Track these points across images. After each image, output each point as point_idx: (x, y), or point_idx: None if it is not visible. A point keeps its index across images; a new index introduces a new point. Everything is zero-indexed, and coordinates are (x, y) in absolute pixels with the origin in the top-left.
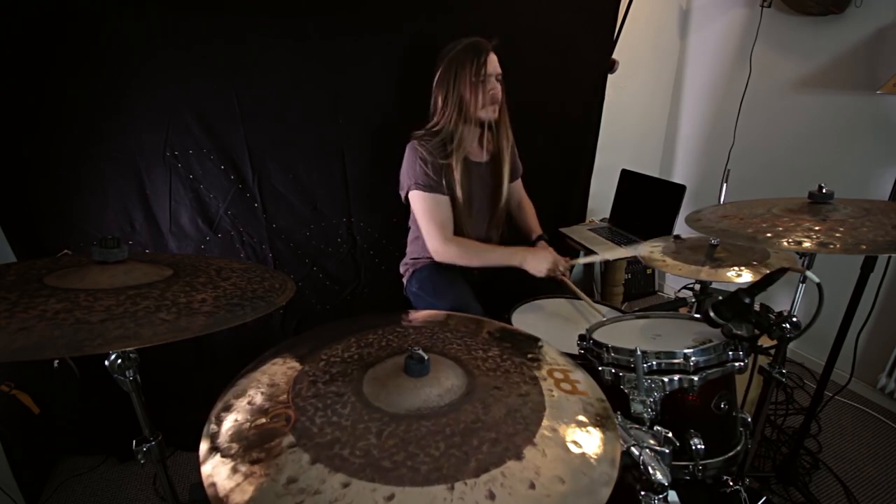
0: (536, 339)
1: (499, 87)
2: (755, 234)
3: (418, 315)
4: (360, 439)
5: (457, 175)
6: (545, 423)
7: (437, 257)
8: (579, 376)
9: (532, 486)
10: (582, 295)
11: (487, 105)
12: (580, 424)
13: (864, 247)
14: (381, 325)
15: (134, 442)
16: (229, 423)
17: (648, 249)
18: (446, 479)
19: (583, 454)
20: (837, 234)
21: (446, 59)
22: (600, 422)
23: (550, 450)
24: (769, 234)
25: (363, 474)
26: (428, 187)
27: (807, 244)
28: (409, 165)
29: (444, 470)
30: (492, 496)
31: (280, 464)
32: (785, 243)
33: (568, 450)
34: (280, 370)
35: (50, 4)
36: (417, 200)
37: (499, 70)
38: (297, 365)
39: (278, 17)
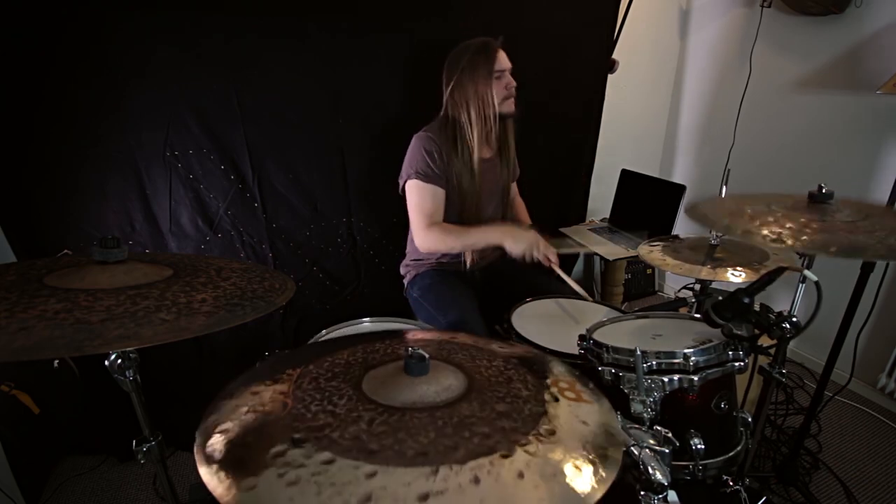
0: (546, 357)
1: (513, 80)
2: None
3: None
4: (351, 425)
5: (473, 168)
6: (544, 425)
7: (421, 247)
8: (584, 388)
9: (521, 475)
10: (573, 283)
11: (505, 99)
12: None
13: None
14: (388, 338)
15: (134, 442)
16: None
17: (648, 249)
18: (432, 462)
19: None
20: None
21: (458, 63)
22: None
23: (545, 448)
24: None
25: (349, 454)
26: (426, 177)
27: None
28: (413, 155)
29: (431, 455)
30: (476, 481)
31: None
32: None
33: (568, 449)
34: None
35: (50, 4)
36: (413, 190)
37: (510, 64)
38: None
39: (278, 16)
